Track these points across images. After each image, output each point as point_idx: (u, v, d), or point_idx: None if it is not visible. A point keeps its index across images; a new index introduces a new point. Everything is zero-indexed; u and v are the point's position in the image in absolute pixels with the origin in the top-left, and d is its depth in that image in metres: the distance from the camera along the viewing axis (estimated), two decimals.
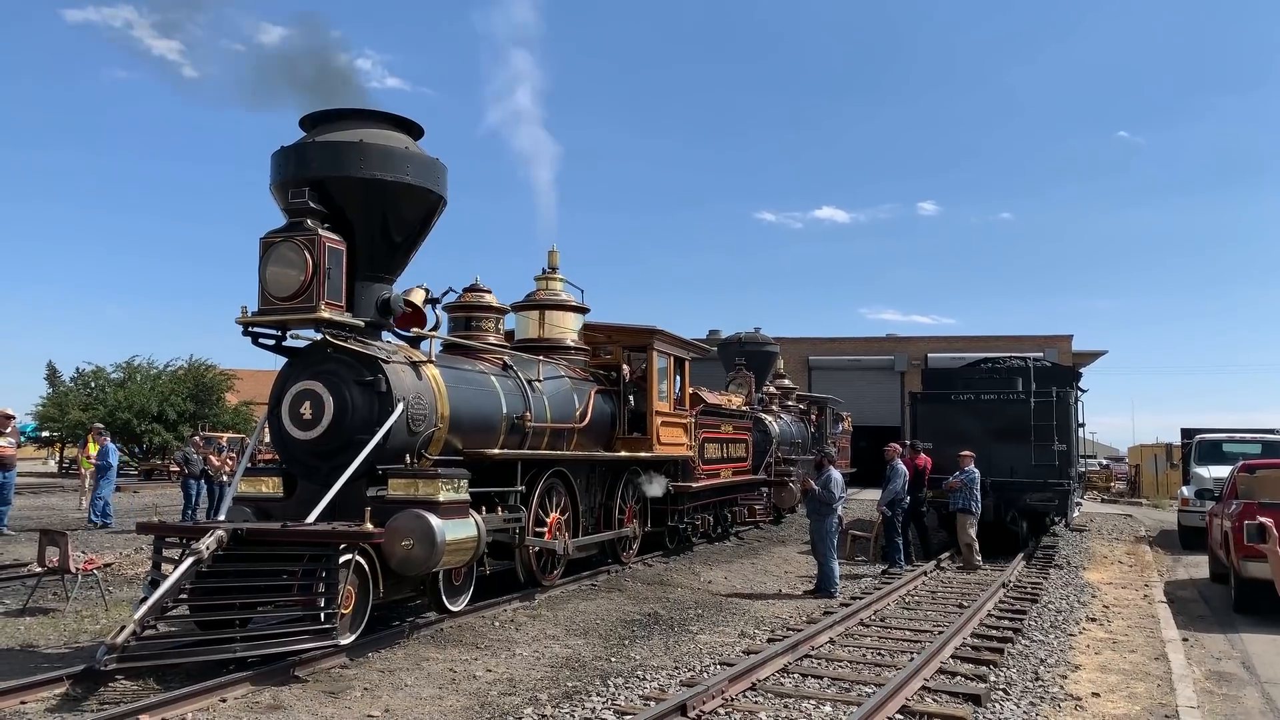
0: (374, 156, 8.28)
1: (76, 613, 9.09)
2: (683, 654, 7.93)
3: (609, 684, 6.80)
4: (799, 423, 23.34)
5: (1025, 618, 9.68)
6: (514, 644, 8.11)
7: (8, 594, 10.08)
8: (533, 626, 8.86)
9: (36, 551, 9.41)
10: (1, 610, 9.25)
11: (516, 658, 7.64)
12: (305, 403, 8.25)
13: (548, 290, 12.97)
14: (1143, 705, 6.67)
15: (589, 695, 6.49)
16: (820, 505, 11.52)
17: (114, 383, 38.86)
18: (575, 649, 8.01)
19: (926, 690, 6.75)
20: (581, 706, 6.19)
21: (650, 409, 12.98)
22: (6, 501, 15.61)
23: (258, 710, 6.00)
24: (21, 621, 8.70)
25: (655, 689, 6.66)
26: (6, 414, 16.20)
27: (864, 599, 10.35)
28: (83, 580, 9.61)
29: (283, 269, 7.92)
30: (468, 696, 6.46)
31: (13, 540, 14.47)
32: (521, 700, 6.37)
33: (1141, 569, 14.30)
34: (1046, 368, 18.75)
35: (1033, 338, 38.87)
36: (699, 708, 5.98)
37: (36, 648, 7.69)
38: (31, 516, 17.91)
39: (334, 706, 6.14)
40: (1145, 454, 36.51)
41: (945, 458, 14.72)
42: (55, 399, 39.27)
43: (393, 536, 7.40)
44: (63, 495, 25.09)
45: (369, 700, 6.31)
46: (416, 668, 7.19)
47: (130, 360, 39.87)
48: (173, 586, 6.81)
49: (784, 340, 30.59)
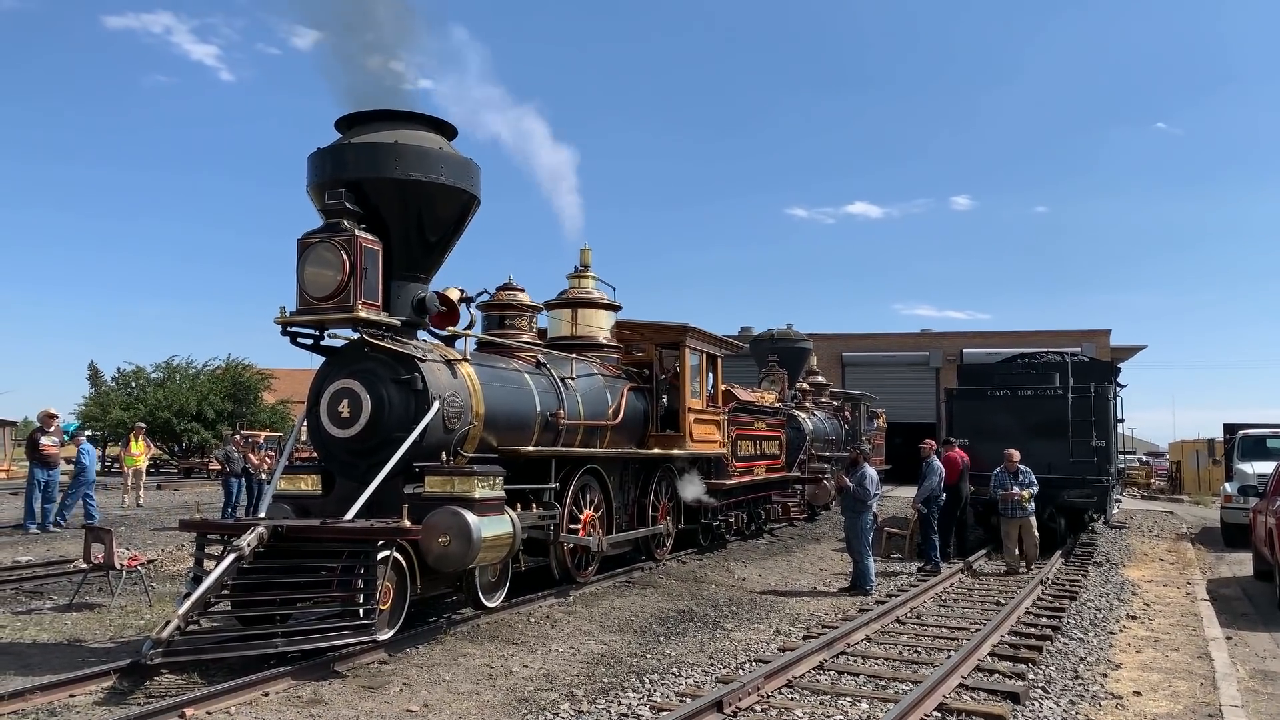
0: (409, 157, 8.36)
1: (121, 608, 9.26)
2: (718, 651, 7.94)
3: (644, 680, 6.82)
4: (832, 419, 23.23)
5: (1064, 615, 9.57)
6: (550, 640, 8.15)
7: (55, 589, 10.32)
8: (568, 623, 8.91)
9: (82, 548, 9.60)
10: (49, 606, 9.46)
11: (552, 654, 7.68)
12: (343, 401, 8.35)
13: (580, 288, 13.03)
14: (1185, 704, 6.57)
15: (625, 691, 6.51)
16: (855, 502, 11.46)
17: (154, 382, 39.54)
18: (611, 645, 8.04)
19: (964, 688, 6.70)
20: (617, 703, 6.21)
21: (683, 406, 12.97)
22: (51, 499, 15.95)
23: (299, 704, 6.09)
24: (69, 616, 8.88)
25: (691, 686, 6.67)
26: (50, 413, 16.57)
27: (900, 596, 10.29)
28: (127, 576, 9.79)
29: (320, 269, 8.02)
30: (505, 692, 6.51)
31: (58, 537, 14.78)
32: (558, 696, 6.40)
33: (1183, 566, 14.08)
34: (1084, 362, 18.51)
35: (1070, 332, 38.36)
36: (735, 704, 5.98)
37: (83, 642, 7.85)
38: (75, 515, 18.23)
39: (373, 701, 6.21)
40: (1186, 450, 35.92)
41: (981, 454, 14.57)
42: (97, 399, 40.06)
43: (430, 533, 7.46)
44: (106, 493, 25.55)
45: (408, 695, 6.38)
46: (454, 663, 7.25)
47: (169, 360, 40.57)
48: (215, 582, 6.91)
49: (817, 336, 30.42)
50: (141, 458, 21.80)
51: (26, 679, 6.37)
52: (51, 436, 16.22)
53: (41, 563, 12.03)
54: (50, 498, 15.87)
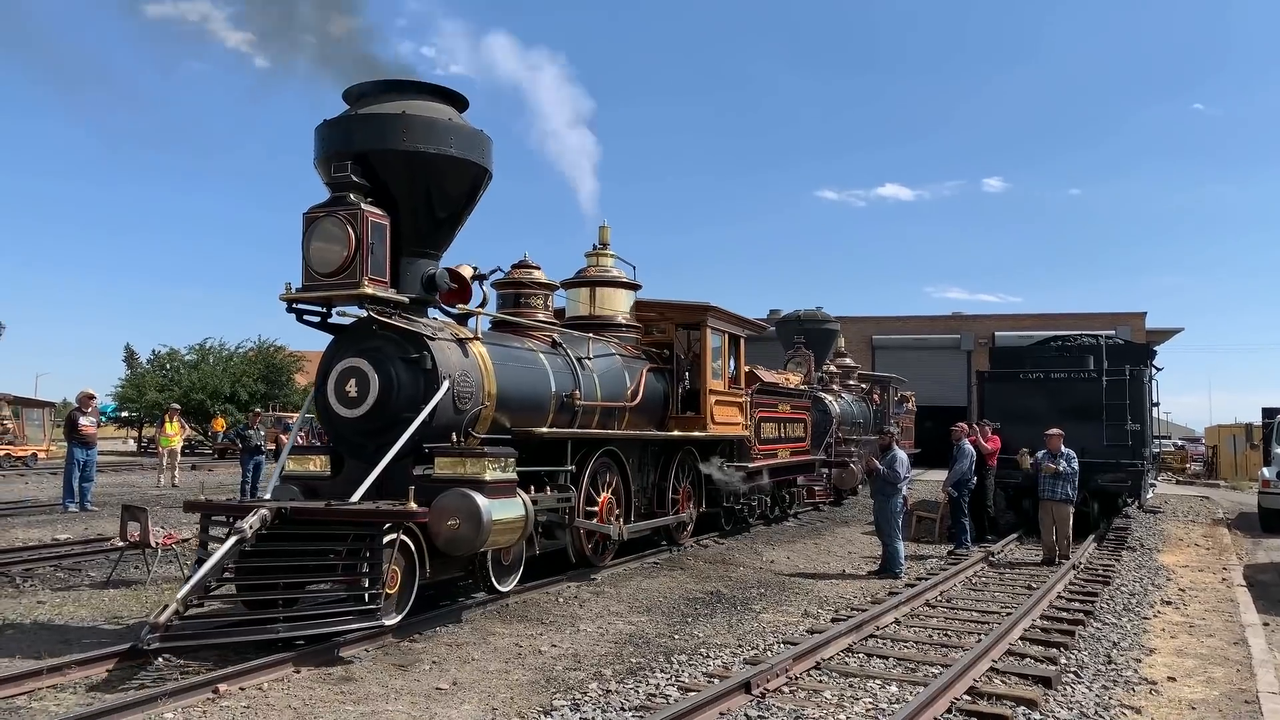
0: (417, 128, 8.13)
1: (157, 585, 9.41)
2: (746, 632, 7.93)
3: (673, 661, 6.83)
4: (860, 402, 23.04)
5: (1097, 600, 9.46)
6: (578, 620, 8.18)
7: (93, 567, 10.51)
8: (596, 603, 8.93)
9: (119, 526, 9.75)
10: (87, 582, 9.63)
11: (580, 634, 7.70)
12: (350, 380, 8.17)
13: (599, 267, 12.74)
14: (1221, 690, 6.48)
15: (653, 672, 6.52)
16: (885, 485, 11.38)
17: (188, 364, 40.09)
18: (639, 626, 8.06)
19: (995, 672, 6.64)
20: (645, 683, 6.22)
21: (704, 387, 12.71)
22: (89, 479, 16.22)
23: (330, 681, 6.15)
24: (106, 593, 9.04)
25: (719, 667, 6.66)
26: (88, 394, 16.85)
27: (930, 580, 10.22)
28: (162, 554, 9.94)
29: (325, 244, 7.83)
30: (533, 671, 6.54)
31: (96, 516, 15.04)
32: (586, 675, 6.43)
33: (1219, 552, 13.87)
34: (1119, 345, 18.25)
35: (1104, 315, 37.84)
36: (763, 686, 5.97)
37: (121, 619, 7.98)
38: (113, 494, 18.56)
39: (403, 679, 6.27)
40: (1223, 434, 35.38)
41: (1013, 437, 14.41)
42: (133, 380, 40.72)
43: (439, 516, 7.26)
44: (142, 473, 25.96)
45: (437, 673, 6.43)
46: (483, 642, 7.30)
47: (203, 342, 41.11)
48: (215, 566, 6.77)
49: (847, 319, 30.22)
50: (176, 438, 22.13)
51: (64, 655, 6.48)
52: (89, 417, 16.50)
53: (79, 540, 12.25)
54: (88, 477, 16.14)
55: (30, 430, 30.88)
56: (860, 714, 5.66)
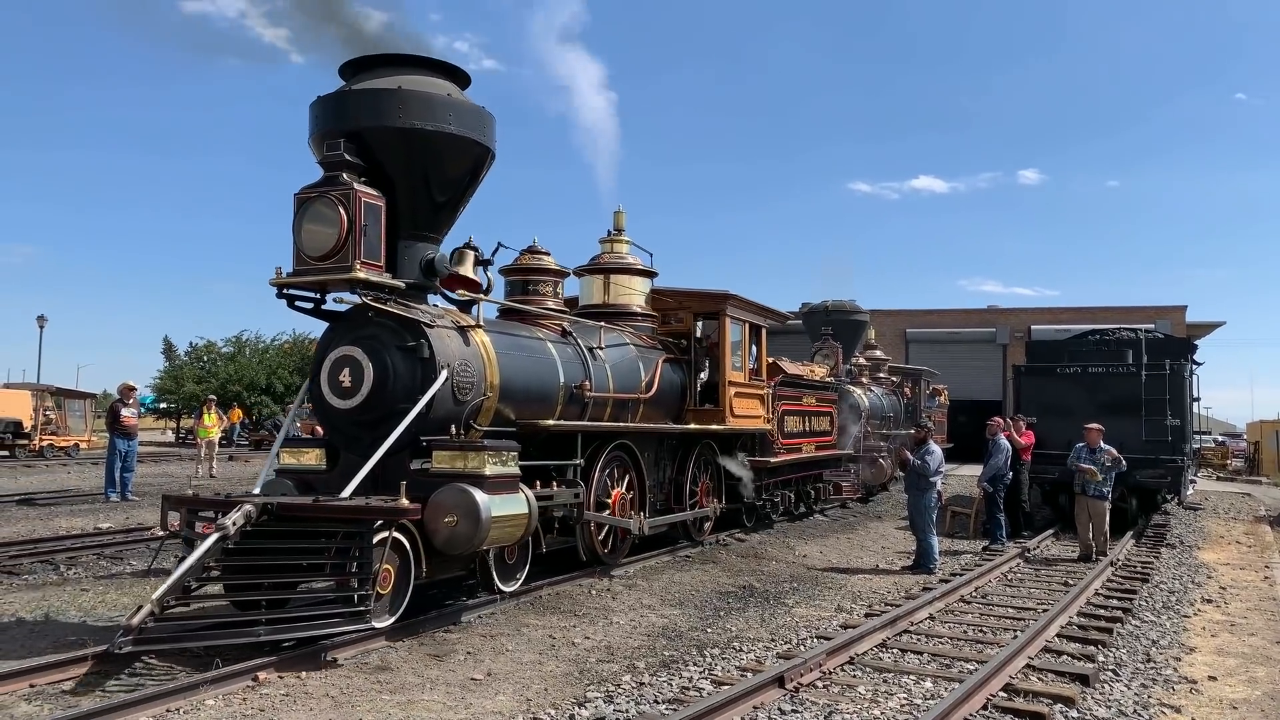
0: (414, 105, 7.69)
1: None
2: (778, 626, 7.91)
3: (705, 654, 6.83)
4: (891, 396, 22.65)
5: (1135, 598, 9.35)
6: (611, 613, 8.21)
7: (134, 556, 10.69)
8: (629, 596, 8.96)
9: (159, 516, 9.90)
10: (129, 571, 9.81)
11: (614, 626, 7.73)
12: (344, 369, 7.78)
13: (613, 253, 12.23)
14: (1264, 690, 6.38)
15: (686, 665, 6.53)
16: (919, 479, 11.31)
17: (225, 356, 40.65)
18: (671, 619, 8.07)
19: (1031, 669, 6.58)
20: (679, 676, 6.24)
21: (723, 379, 12.17)
22: (130, 469, 16.52)
23: (366, 671, 6.22)
24: (147, 582, 9.18)
25: (752, 660, 6.66)
26: (130, 386, 17.18)
27: (964, 575, 10.14)
28: None
29: (317, 226, 7.42)
30: (567, 663, 6.57)
31: (136, 505, 15.31)
32: (619, 668, 6.45)
33: (1261, 549, 13.64)
34: (1159, 339, 17.98)
35: (1143, 308, 37.23)
36: (796, 679, 5.96)
37: None
38: (153, 484, 18.87)
39: (439, 669, 6.33)
40: (1265, 430, 34.77)
41: (1050, 432, 14.25)
42: (171, 372, 41.35)
43: (435, 512, 6.94)
44: (181, 463, 26.37)
45: (472, 663, 6.48)
46: (517, 633, 7.35)
47: (239, 335, 41.64)
48: (195, 565, 6.39)
49: (880, 312, 30.01)
50: (214, 429, 22.43)
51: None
52: (130, 408, 16.81)
53: (121, 529, 12.48)
54: (129, 467, 16.45)
55: (72, 421, 31.46)
56: (894, 709, 5.64)
